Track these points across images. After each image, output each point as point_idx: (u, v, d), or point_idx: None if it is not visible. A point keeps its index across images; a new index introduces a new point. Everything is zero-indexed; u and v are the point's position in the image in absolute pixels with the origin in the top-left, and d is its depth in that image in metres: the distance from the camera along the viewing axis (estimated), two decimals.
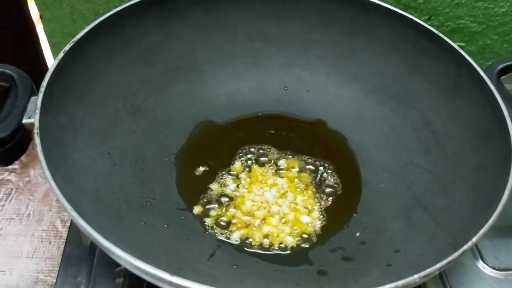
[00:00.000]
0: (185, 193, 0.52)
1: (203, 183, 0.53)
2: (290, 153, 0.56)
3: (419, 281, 0.35)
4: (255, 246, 0.48)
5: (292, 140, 0.58)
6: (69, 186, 0.41)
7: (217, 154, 0.56)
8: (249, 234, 0.49)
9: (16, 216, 0.59)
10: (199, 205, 0.51)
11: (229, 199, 0.51)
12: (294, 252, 0.48)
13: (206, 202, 0.51)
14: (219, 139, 0.57)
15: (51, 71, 0.44)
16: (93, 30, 0.49)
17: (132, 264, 0.33)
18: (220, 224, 0.49)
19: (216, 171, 0.54)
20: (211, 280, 0.42)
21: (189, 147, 0.56)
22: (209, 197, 0.52)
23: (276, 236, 0.49)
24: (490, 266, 0.51)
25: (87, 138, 0.48)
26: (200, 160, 0.55)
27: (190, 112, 0.58)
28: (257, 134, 0.58)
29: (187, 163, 0.54)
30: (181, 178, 0.53)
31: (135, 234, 0.44)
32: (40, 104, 0.42)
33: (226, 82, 0.60)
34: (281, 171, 0.54)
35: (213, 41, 0.59)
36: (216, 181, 0.53)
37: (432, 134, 0.53)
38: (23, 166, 0.64)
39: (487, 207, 0.40)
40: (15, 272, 0.54)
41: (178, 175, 0.53)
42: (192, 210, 0.50)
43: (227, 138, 0.57)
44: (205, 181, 0.53)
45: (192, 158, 0.55)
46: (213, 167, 0.54)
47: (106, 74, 0.52)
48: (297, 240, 0.49)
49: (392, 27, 0.55)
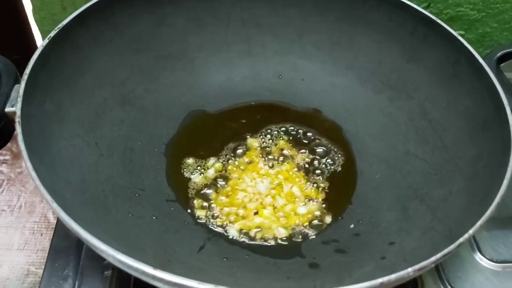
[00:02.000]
0: (175, 184, 0.51)
1: (194, 174, 0.52)
2: (284, 144, 0.55)
3: (413, 274, 0.34)
4: (247, 237, 0.47)
5: (285, 130, 0.57)
6: (53, 176, 0.40)
7: (208, 144, 0.55)
8: (241, 226, 0.48)
9: (8, 207, 0.59)
10: (189, 196, 0.50)
11: (220, 190, 0.51)
12: (286, 244, 0.47)
13: (196, 193, 0.50)
14: (210, 129, 0.56)
15: (35, 58, 0.43)
16: (81, 15, 0.48)
17: (114, 257, 0.32)
18: (210, 216, 0.48)
19: (207, 161, 0.53)
20: (200, 273, 0.41)
21: (180, 137, 0.55)
22: (199, 188, 0.51)
23: (268, 228, 0.48)
24: (488, 258, 0.51)
25: (73, 128, 0.47)
26: (191, 151, 0.54)
27: (181, 101, 0.57)
28: (250, 124, 0.57)
29: (177, 153, 0.53)
30: (171, 168, 0.52)
31: (122, 226, 0.43)
32: (23, 92, 0.41)
33: (218, 71, 0.59)
34: (274, 162, 0.54)
35: (206, 28, 0.58)
36: (207, 171, 0.52)
37: (429, 123, 0.52)
38: (15, 157, 0.64)
39: (485, 198, 0.39)
40: (6, 265, 0.54)
41: (168, 166, 0.52)
42: (182, 202, 0.49)
43: (219, 128, 0.56)
44: (196, 172, 0.52)
45: (182, 148, 0.54)
46: (204, 157, 0.53)
47: (94, 61, 0.51)
48: (289, 232, 0.48)
49: (390, 14, 0.54)
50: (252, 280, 0.42)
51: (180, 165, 0.53)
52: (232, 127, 0.57)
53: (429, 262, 0.34)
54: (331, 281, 0.42)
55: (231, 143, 0.55)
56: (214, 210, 0.49)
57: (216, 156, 0.54)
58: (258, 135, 0.56)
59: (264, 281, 0.42)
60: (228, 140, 0.55)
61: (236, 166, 0.53)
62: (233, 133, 0.56)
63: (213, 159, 0.53)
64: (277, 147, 0.55)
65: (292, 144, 0.55)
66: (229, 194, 0.50)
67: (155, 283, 0.33)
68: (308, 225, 0.49)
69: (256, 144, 0.55)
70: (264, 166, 0.53)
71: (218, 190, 0.51)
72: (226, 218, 0.48)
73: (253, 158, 0.54)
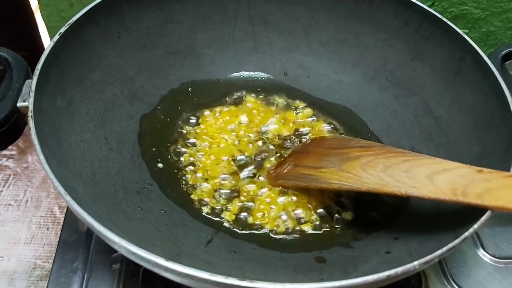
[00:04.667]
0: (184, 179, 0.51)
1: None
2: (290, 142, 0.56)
3: (419, 268, 0.34)
4: (255, 230, 0.48)
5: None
6: (64, 170, 0.40)
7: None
8: (249, 219, 0.48)
9: (14, 202, 0.59)
10: (198, 191, 0.50)
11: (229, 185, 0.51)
12: (293, 238, 0.47)
13: (205, 188, 0.50)
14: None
15: (46, 54, 0.44)
16: (90, 12, 0.49)
17: (127, 249, 0.33)
18: (218, 210, 0.49)
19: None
20: (208, 266, 0.41)
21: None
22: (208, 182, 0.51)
23: (275, 221, 0.48)
24: (491, 254, 0.51)
25: (83, 123, 0.47)
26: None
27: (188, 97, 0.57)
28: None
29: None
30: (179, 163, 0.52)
31: (131, 220, 0.44)
32: (35, 87, 0.41)
33: (225, 67, 0.60)
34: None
35: (213, 25, 0.58)
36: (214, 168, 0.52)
37: (434, 120, 0.52)
38: (21, 152, 0.64)
39: None
40: (13, 258, 0.54)
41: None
42: (190, 196, 0.50)
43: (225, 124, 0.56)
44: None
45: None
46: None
47: (103, 57, 0.51)
48: (296, 225, 0.48)
49: (395, 12, 0.54)
50: (260, 273, 0.43)
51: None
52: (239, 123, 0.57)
53: (434, 256, 0.35)
54: (338, 274, 0.42)
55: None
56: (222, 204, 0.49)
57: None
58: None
59: (271, 274, 0.43)
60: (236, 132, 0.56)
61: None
62: (239, 127, 0.56)
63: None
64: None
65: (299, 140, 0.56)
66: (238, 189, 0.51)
67: (166, 275, 0.33)
68: (314, 219, 0.49)
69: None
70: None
71: (227, 185, 0.51)
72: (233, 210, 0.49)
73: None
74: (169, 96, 0.57)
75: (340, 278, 0.33)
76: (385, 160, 0.44)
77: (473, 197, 0.37)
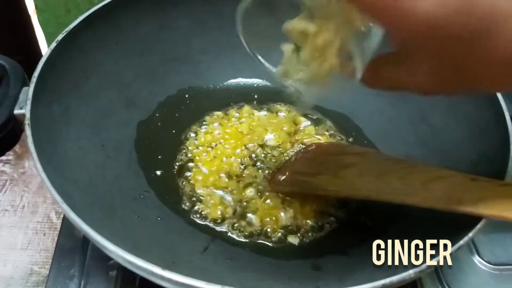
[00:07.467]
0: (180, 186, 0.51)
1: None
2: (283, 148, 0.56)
3: (414, 276, 0.35)
4: (250, 237, 0.48)
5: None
6: (61, 178, 0.40)
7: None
8: (246, 227, 0.48)
9: (11, 207, 0.59)
10: (194, 198, 0.50)
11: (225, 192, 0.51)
12: (289, 245, 0.47)
13: (201, 195, 0.51)
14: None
15: (44, 61, 0.44)
16: (87, 19, 0.49)
17: (123, 258, 0.33)
18: (214, 217, 0.49)
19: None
20: (204, 273, 0.41)
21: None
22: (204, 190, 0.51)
23: (272, 229, 0.48)
24: (486, 261, 0.51)
25: (80, 129, 0.47)
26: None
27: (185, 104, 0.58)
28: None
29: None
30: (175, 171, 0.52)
31: (127, 227, 0.44)
32: (32, 95, 0.41)
33: (222, 73, 0.60)
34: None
35: (210, 31, 0.58)
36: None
37: (429, 128, 0.53)
38: (18, 157, 0.64)
39: None
40: (9, 264, 0.54)
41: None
42: (186, 203, 0.50)
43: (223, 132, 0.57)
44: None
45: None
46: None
47: (100, 64, 0.51)
48: (292, 233, 0.48)
49: None
50: (255, 281, 0.43)
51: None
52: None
53: (429, 265, 0.35)
54: (333, 282, 0.42)
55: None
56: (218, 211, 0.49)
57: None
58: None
59: (267, 282, 0.43)
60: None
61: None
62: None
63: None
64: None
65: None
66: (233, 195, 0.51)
67: (163, 283, 0.33)
68: (309, 226, 0.49)
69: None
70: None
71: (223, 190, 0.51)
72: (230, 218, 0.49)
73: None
74: (166, 102, 0.57)
75: (335, 286, 0.33)
76: (381, 167, 0.44)
77: (468, 205, 0.37)
